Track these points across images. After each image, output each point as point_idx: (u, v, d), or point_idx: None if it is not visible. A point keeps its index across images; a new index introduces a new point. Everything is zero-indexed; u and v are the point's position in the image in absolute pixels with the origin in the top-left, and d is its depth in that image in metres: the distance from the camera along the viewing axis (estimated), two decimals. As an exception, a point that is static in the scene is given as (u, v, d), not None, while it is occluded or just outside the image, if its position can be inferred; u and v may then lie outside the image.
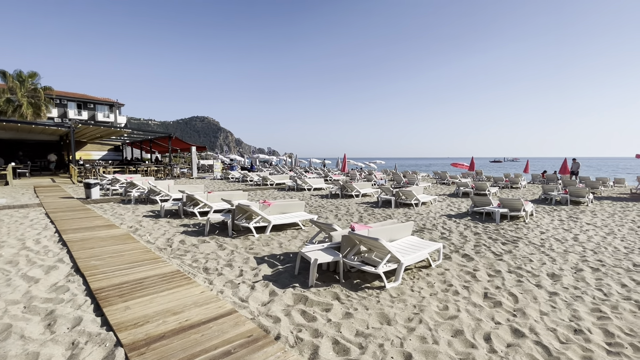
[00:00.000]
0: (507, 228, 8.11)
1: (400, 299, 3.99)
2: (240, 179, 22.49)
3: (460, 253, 5.99)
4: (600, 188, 16.01)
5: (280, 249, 6.06)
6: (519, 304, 3.93)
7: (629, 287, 4.46)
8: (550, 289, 4.38)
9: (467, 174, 26.04)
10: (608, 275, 4.92)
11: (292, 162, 43.56)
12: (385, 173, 29.11)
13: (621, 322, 3.49)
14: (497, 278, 4.77)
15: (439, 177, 23.85)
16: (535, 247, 6.42)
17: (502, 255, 5.90)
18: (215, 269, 4.89)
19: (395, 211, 10.62)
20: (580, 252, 6.16)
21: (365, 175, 23.90)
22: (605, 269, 5.23)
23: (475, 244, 6.63)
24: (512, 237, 7.17)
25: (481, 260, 5.61)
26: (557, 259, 5.68)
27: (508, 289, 4.34)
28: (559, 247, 6.49)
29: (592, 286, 4.50)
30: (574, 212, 10.61)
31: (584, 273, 5.00)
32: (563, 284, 4.57)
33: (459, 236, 7.28)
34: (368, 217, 9.65)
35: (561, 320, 3.51)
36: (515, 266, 5.30)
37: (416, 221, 8.95)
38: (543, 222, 8.96)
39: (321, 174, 26.89)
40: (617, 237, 7.35)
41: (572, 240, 6.99)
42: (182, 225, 7.95)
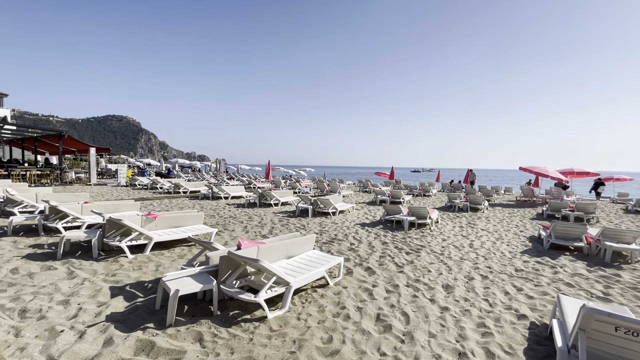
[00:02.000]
0: (414, 236, 8.22)
1: (280, 333, 3.31)
2: (149, 187, 19.87)
3: (364, 266, 5.65)
4: (494, 196, 18.11)
5: (156, 273, 4.93)
6: (409, 325, 3.60)
7: (510, 295, 4.55)
8: (443, 303, 4.21)
9: (388, 182, 27.47)
10: (494, 283, 5.03)
11: (216, 168, 40.89)
12: (314, 181, 29.07)
13: (502, 338, 3.37)
14: (394, 294, 4.46)
15: (362, 186, 24.56)
16: (436, 256, 6.47)
17: (404, 266, 5.73)
18: (39, 309, 3.59)
19: (312, 220, 10.15)
20: (474, 259, 6.37)
21: (290, 183, 23.36)
22: (492, 275, 5.39)
23: (381, 255, 6.42)
24: (417, 246, 7.20)
25: (383, 273, 5.33)
26: (453, 268, 5.72)
27: (402, 308, 4.02)
28: (457, 254, 6.66)
29: (480, 296, 4.48)
30: (472, 218, 11.51)
31: (474, 282, 5.04)
32: (455, 296, 4.46)
33: (367, 247, 7.04)
34: (281, 227, 8.96)
35: (448, 343, 3.24)
36: (414, 278, 5.12)
37: (329, 231, 8.57)
38: (446, 229, 9.41)
39: (245, 181, 25.52)
40: (504, 241, 7.96)
41: (468, 247, 7.30)
42: (33, 246, 6.15)
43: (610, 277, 5.50)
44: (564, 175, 17.34)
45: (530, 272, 5.62)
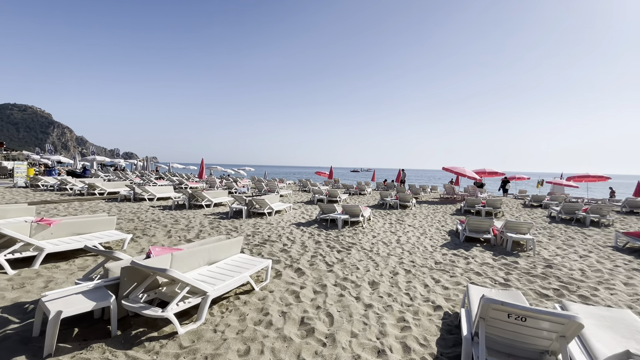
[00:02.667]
0: (347, 234, 8.37)
1: (191, 350, 2.98)
2: (56, 188, 17.13)
3: (294, 267, 5.52)
4: (421, 194, 19.60)
5: (44, 291, 4.13)
6: (333, 326, 3.55)
7: (429, 287, 4.84)
8: (367, 300, 4.27)
9: (327, 181, 27.98)
10: (416, 277, 5.31)
11: (143, 167, 37.23)
12: (253, 180, 28.21)
13: (418, 331, 3.51)
14: (321, 295, 4.40)
15: (302, 185, 24.57)
16: (365, 253, 6.64)
17: (334, 265, 5.75)
18: None
19: (245, 222, 9.71)
20: (399, 254, 6.70)
21: (227, 183, 22.28)
22: (415, 269, 5.70)
23: (313, 255, 6.36)
24: (348, 244, 7.33)
25: (312, 274, 5.26)
26: (380, 264, 5.91)
27: (327, 309, 3.96)
28: (385, 250, 6.93)
29: (403, 291, 4.67)
30: (401, 215, 12.24)
31: (398, 277, 5.25)
32: (380, 292, 4.57)
33: (300, 247, 6.93)
34: (210, 230, 8.37)
35: (368, 341, 3.25)
36: (342, 277, 5.14)
37: (262, 232, 8.26)
38: (377, 225, 9.81)
39: (175, 181, 23.63)
40: (428, 236, 8.57)
41: (396, 243, 7.67)
42: None
43: (510, 264, 6.23)
44: (477, 175, 19.53)
45: (448, 264, 6.09)
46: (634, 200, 14.98)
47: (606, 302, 4.52)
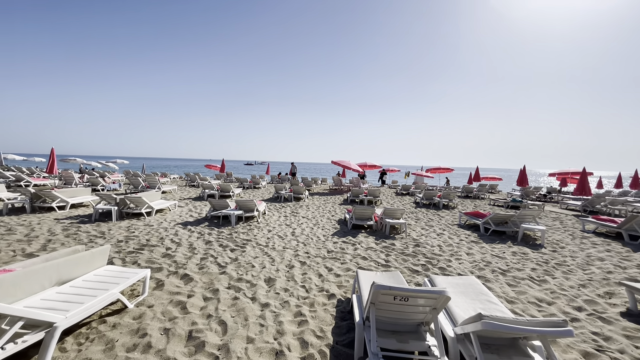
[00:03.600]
0: (241, 231, 7.98)
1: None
2: None
3: (180, 274, 4.88)
4: (313, 186, 20.54)
5: None
6: (227, 335, 3.25)
7: (323, 277, 5.02)
8: (264, 299, 4.11)
9: (219, 175, 26.34)
10: (311, 268, 5.44)
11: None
12: (127, 175, 24.06)
13: (315, 323, 3.57)
14: (213, 301, 4.01)
15: (189, 180, 22.37)
16: (261, 249, 6.45)
17: (227, 265, 5.36)
18: None
19: (116, 225, 8.12)
20: (295, 246, 6.77)
21: (91, 178, 18.33)
22: (309, 260, 5.84)
23: (203, 257, 5.78)
24: (243, 241, 6.98)
25: (202, 278, 4.75)
26: (276, 259, 5.83)
27: (220, 316, 3.62)
28: (280, 244, 6.89)
29: (299, 284, 4.70)
30: (295, 207, 12.50)
31: (294, 270, 5.28)
32: (276, 289, 4.47)
33: (188, 249, 6.21)
34: (65, 240, 6.64)
35: (266, 344, 3.11)
36: (236, 278, 4.82)
37: (139, 236, 7.06)
38: (272, 219, 9.72)
39: (10, 177, 18.11)
40: (320, 226, 8.98)
41: (291, 235, 7.74)
42: None
43: (389, 246, 7.09)
44: (360, 167, 21.73)
45: (338, 252, 6.48)
46: (468, 187, 19.36)
47: (457, 270, 5.60)
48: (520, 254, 6.80)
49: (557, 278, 5.32)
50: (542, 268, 5.83)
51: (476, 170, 24.29)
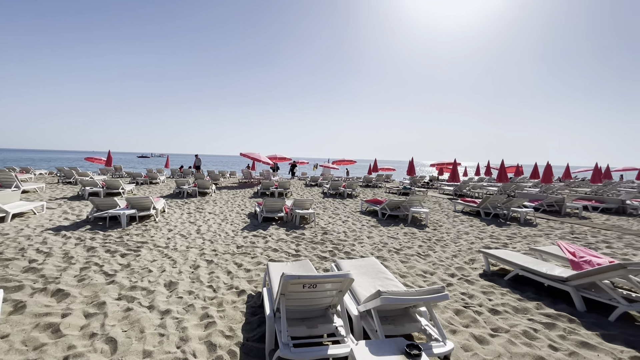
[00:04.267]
0: (134, 232, 7.01)
1: None
2: None
3: (50, 290, 3.99)
4: (220, 179, 19.48)
5: None
6: (117, 353, 2.82)
7: (232, 274, 4.82)
8: (164, 306, 3.71)
9: (105, 170, 22.55)
10: (219, 266, 5.16)
11: None
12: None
13: (224, 323, 3.40)
14: (97, 317, 3.42)
15: (63, 176, 18.44)
16: (160, 251, 5.79)
17: (117, 273, 4.63)
18: None
19: (-54, 238, 6.13)
20: (200, 245, 6.31)
21: None
22: (217, 258, 5.53)
23: (84, 266, 4.87)
24: (137, 244, 6.15)
25: (83, 292, 4.00)
26: (178, 260, 5.32)
27: (108, 333, 3.11)
28: (183, 243, 6.32)
29: (205, 284, 4.40)
30: (201, 203, 11.64)
31: (200, 270, 4.92)
32: (179, 292, 4.09)
33: (62, 259, 5.13)
34: None
35: (167, 355, 2.81)
36: (129, 286, 4.22)
37: (-14, 250, 5.49)
38: (173, 217, 8.83)
39: None
40: (229, 221, 8.59)
41: (196, 234, 7.18)
42: None
43: (300, 236, 7.27)
44: (271, 160, 21.61)
45: (249, 246, 6.32)
46: (368, 177, 21.32)
47: (360, 253, 6.12)
48: (410, 234, 7.85)
49: (437, 252, 6.34)
50: (426, 245, 6.85)
51: (374, 162, 26.88)
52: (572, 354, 2.93)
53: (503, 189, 17.02)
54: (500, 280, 4.81)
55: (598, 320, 3.61)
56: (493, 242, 7.19)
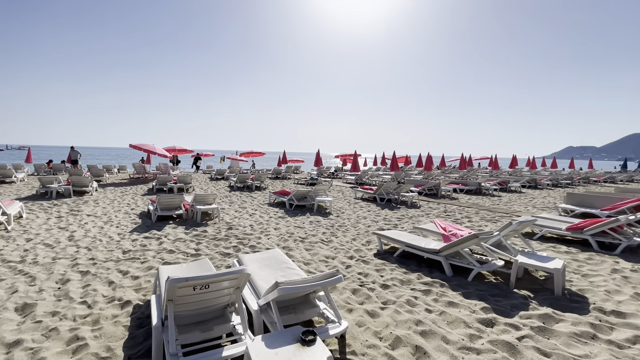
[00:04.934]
0: (-30, 247, 5.38)
1: None
2: None
3: None
4: (105, 175, 16.64)
5: None
6: None
7: (115, 284, 4.15)
8: (12, 336, 2.94)
9: None
10: (97, 276, 4.38)
11: None
12: None
13: (98, 343, 2.89)
14: None
15: None
16: (11, 268, 4.59)
17: (-64, 305, 3.47)
18: None
19: None
20: (73, 254, 5.26)
21: None
22: (96, 268, 4.69)
23: None
24: (-27, 262, 4.74)
25: None
26: (38, 276, 4.31)
27: None
28: (48, 255, 5.16)
29: (77, 300, 3.67)
30: (77, 204, 9.72)
31: (70, 285, 4.08)
32: (36, 316, 3.31)
33: None
34: None
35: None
36: (-44, 319, 3.20)
37: None
38: (35, 224, 7.13)
39: None
40: (114, 224, 7.40)
41: (67, 241, 5.95)
42: None
43: (201, 234, 6.76)
44: (169, 152, 19.53)
45: (139, 250, 5.56)
46: (278, 169, 21.34)
47: (266, 245, 6.05)
48: (315, 222, 8.15)
49: (339, 237, 6.75)
50: (329, 231, 7.22)
51: (283, 154, 27.02)
52: (442, 313, 3.49)
53: (395, 176, 19.25)
54: (391, 258, 5.41)
55: (461, 282, 4.39)
56: (386, 224, 8.05)
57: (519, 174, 23.41)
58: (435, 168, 34.14)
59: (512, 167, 27.19)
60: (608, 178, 23.98)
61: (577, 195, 9.89)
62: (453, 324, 3.26)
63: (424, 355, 2.76)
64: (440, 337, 3.01)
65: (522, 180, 17.56)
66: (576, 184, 20.76)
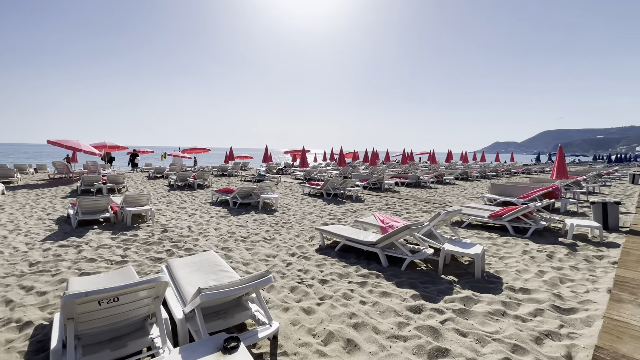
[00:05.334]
0: None
1: None
2: None
3: None
4: (16, 176, 14.40)
5: None
6: None
7: (15, 303, 3.57)
8: None
9: None
10: (-8, 296, 3.74)
11: None
12: None
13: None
14: None
15: None
16: None
17: None
18: None
19: None
20: (-39, 271, 4.42)
21: None
22: (-9, 286, 4.00)
23: None
24: None
25: None
26: None
27: None
28: None
29: (-41, 327, 3.08)
30: (-27, 211, 8.25)
31: (-48, 308, 3.42)
32: None
33: None
34: None
35: None
36: None
37: None
38: None
39: None
40: (22, 232, 6.41)
41: (-45, 256, 5.00)
42: None
43: (130, 238, 6.17)
44: (97, 149, 17.60)
45: (50, 261, 4.87)
46: (224, 166, 20.47)
47: (204, 247, 5.72)
48: (259, 220, 7.95)
49: (282, 234, 6.66)
50: (273, 229, 7.09)
51: (230, 150, 26.02)
52: (375, 304, 3.60)
53: (342, 172, 19.70)
54: (332, 252, 5.48)
55: (395, 271, 4.60)
56: (331, 219, 8.17)
57: (453, 168, 25.51)
58: (381, 163, 35.72)
59: (447, 161, 29.54)
60: (525, 170, 27.29)
61: (499, 185, 11.03)
62: (384, 314, 3.39)
63: (354, 348, 2.81)
64: (372, 328, 3.10)
65: (455, 173, 19.16)
66: (500, 176, 23.27)
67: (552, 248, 5.75)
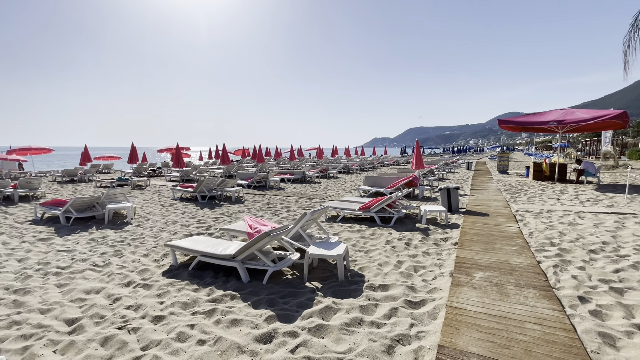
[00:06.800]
0: None
1: None
2: None
3: None
4: None
5: None
6: None
7: None
8: None
9: None
10: None
11: None
12: None
13: None
14: None
15: None
16: None
17: None
18: None
19: None
20: None
21: None
22: None
23: None
24: None
25: None
26: None
27: None
28: None
29: None
30: None
31: None
32: None
33: None
34: None
35: None
36: None
37: None
38: None
39: None
40: None
41: None
42: None
43: None
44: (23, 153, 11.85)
45: None
46: (70, 170, 16.26)
47: None
48: (98, 239, 6.20)
49: (124, 255, 5.24)
50: (114, 249, 5.56)
51: (85, 148, 21.11)
52: (217, 341, 2.87)
53: (227, 170, 18.27)
54: (184, 272, 4.49)
55: (256, 287, 3.98)
56: (199, 227, 7.04)
57: (337, 162, 27.09)
58: (271, 159, 35.27)
59: (333, 155, 31.26)
60: (395, 161, 31.25)
61: (372, 177, 11.85)
62: (225, 354, 2.70)
63: None
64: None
65: (338, 167, 20.20)
66: (376, 168, 25.87)
67: (410, 235, 6.16)
